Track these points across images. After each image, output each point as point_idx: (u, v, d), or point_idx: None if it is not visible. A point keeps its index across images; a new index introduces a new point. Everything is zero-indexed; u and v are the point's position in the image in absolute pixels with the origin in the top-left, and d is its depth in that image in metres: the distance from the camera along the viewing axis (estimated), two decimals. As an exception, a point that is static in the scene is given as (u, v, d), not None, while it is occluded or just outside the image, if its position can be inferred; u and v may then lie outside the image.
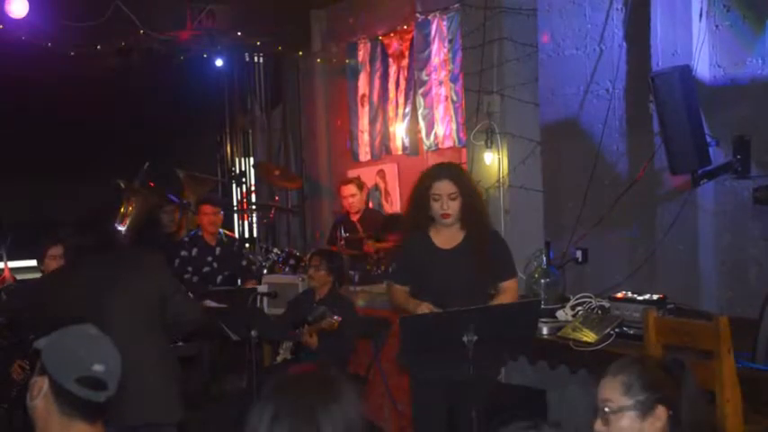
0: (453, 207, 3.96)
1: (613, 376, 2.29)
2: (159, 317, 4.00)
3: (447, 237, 4.06)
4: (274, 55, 9.48)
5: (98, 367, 2.26)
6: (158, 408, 3.93)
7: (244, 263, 6.99)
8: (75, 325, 2.40)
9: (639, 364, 2.31)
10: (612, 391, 2.26)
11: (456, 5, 6.60)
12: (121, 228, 5.71)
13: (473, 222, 4.04)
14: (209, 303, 5.68)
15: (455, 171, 4.12)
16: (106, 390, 2.28)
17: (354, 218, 7.31)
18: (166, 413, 3.98)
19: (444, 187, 3.96)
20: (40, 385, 2.28)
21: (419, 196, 4.05)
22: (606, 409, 2.25)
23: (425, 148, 7.49)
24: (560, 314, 4.72)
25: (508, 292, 4.10)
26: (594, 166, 5.20)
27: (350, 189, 7.37)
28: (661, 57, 4.68)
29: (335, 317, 5.05)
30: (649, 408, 2.23)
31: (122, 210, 6.07)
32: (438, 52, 7.22)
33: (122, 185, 6.41)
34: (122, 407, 3.61)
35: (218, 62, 8.95)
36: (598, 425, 2.28)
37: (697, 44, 4.56)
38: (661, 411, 2.24)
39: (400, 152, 7.90)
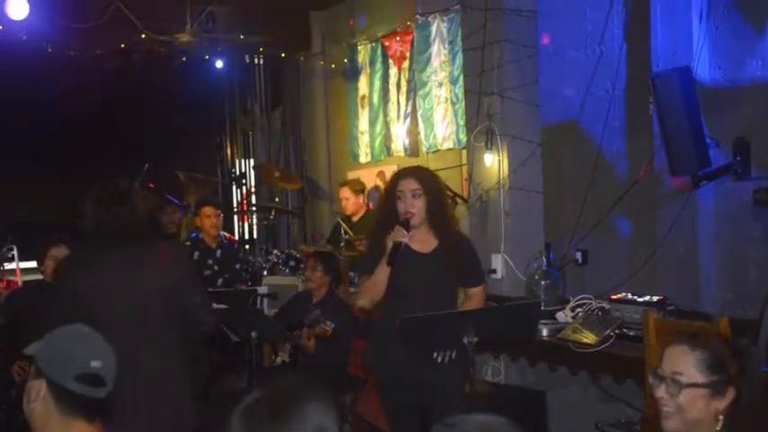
0: (417, 205, 3.84)
1: (690, 350, 2.30)
2: (177, 314, 3.58)
3: (420, 240, 3.92)
4: (274, 56, 9.48)
5: (95, 363, 2.26)
6: (169, 420, 3.53)
7: (237, 266, 6.96)
8: (64, 326, 2.36)
9: (714, 343, 2.34)
10: (687, 365, 2.28)
11: (456, 7, 6.60)
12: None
13: (443, 226, 3.93)
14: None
15: (421, 169, 4.07)
16: (105, 386, 2.28)
17: (355, 219, 7.32)
18: (176, 426, 3.57)
19: (407, 184, 3.86)
20: (38, 388, 2.27)
21: (388, 197, 3.96)
22: (678, 381, 2.27)
23: (425, 149, 7.48)
24: (560, 316, 4.72)
25: (474, 297, 3.99)
26: (594, 168, 5.20)
27: (343, 192, 7.37)
28: (661, 58, 4.67)
29: (329, 323, 5.03)
30: (721, 389, 2.28)
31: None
32: (438, 54, 7.22)
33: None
34: (126, 421, 3.06)
35: (219, 64, 8.95)
36: (661, 392, 2.30)
37: (697, 46, 4.55)
38: (730, 393, 2.29)
39: (400, 153, 7.90)
